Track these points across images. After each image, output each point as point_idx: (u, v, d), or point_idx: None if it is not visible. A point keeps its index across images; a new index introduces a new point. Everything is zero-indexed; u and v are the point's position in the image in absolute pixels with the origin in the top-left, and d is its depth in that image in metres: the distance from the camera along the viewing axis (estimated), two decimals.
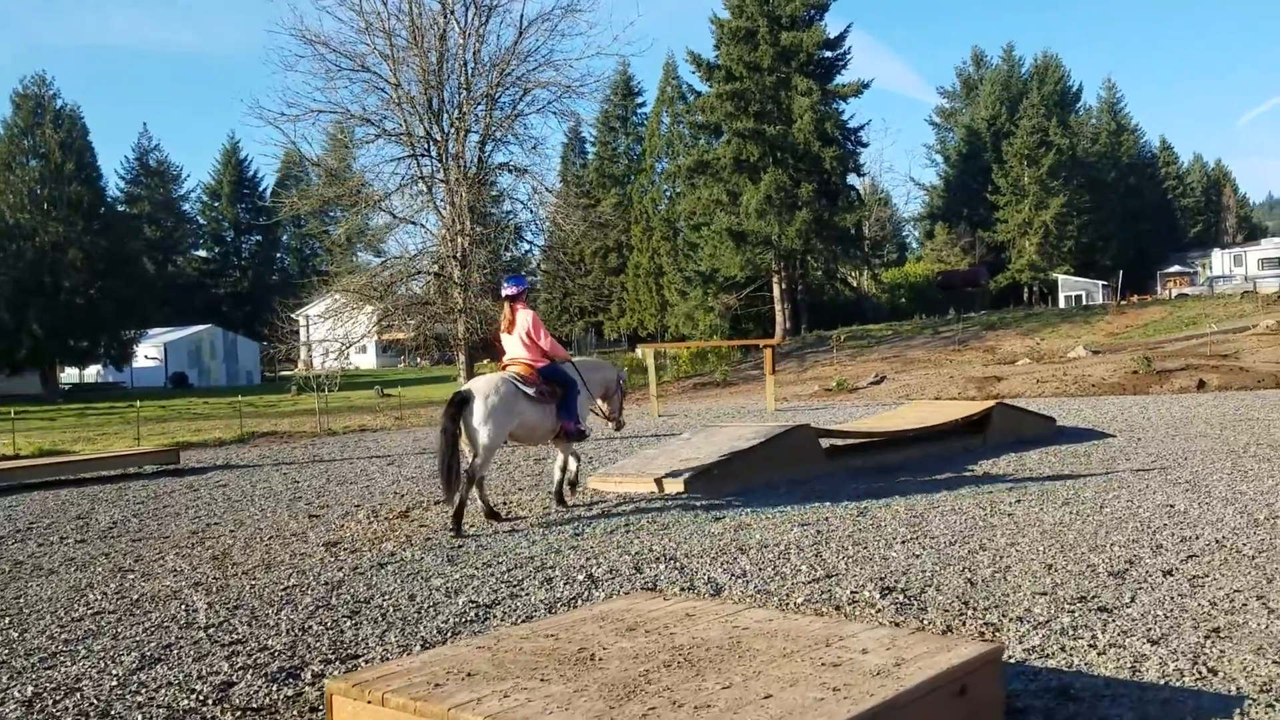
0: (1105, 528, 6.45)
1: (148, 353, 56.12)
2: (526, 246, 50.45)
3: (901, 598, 4.84)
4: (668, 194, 54.98)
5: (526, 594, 5.16)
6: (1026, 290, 59.96)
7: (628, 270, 55.38)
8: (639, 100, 62.82)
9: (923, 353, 30.60)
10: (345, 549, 6.62)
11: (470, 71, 27.92)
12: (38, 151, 43.46)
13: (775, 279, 41.74)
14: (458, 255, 27.70)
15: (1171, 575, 5.14)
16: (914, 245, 76.06)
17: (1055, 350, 27.57)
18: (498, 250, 28.42)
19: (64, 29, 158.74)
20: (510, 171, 28.99)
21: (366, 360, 68.95)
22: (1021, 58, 69.52)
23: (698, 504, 7.78)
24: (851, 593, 4.96)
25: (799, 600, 4.86)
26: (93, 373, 55.73)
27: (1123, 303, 43.31)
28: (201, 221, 76.12)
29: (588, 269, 59.69)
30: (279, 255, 76.25)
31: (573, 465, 7.91)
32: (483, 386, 7.14)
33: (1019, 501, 7.65)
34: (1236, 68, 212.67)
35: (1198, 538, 6.04)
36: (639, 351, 37.56)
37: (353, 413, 28.74)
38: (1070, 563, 5.49)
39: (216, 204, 73.80)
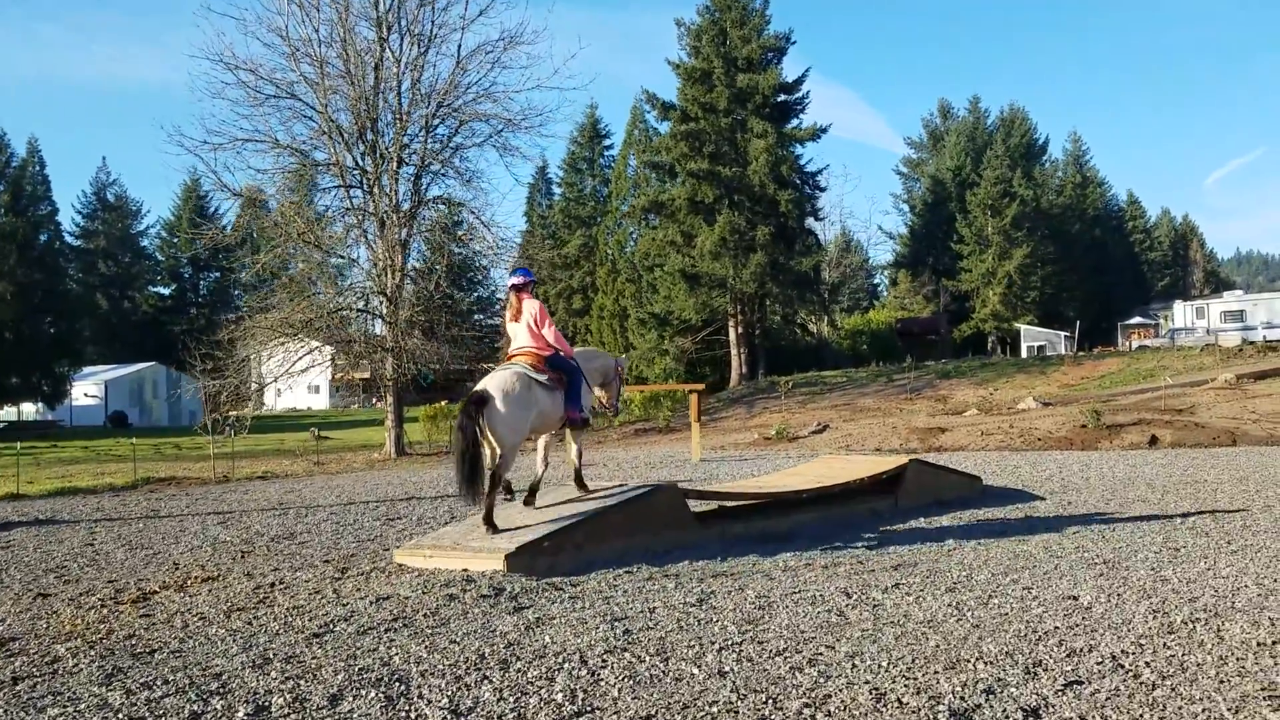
0: (982, 630, 5.11)
1: (87, 390, 54.06)
2: (483, 292, 49.16)
3: None
4: (634, 236, 54.08)
5: None
6: (990, 340, 59.33)
7: (592, 311, 54.20)
8: (607, 143, 62.23)
9: (874, 401, 29.40)
10: (11, 651, 5.13)
11: (406, 102, 26.83)
12: None
13: (731, 322, 40.62)
14: (387, 291, 26.29)
15: (1036, 717, 3.79)
16: (884, 293, 75.59)
17: (1007, 401, 26.43)
18: (429, 288, 26.98)
19: (30, 59, 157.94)
20: (445, 205, 27.80)
21: (319, 400, 66.93)
22: (988, 110, 69.83)
23: (510, 587, 6.36)
24: None
25: None
26: (30, 410, 53.54)
27: (1079, 354, 42.48)
28: (159, 258, 74.43)
29: (552, 310, 58.60)
30: (236, 293, 74.50)
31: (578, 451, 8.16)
32: (499, 383, 7.13)
33: (897, 585, 6.31)
34: (1201, 129, 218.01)
35: (1091, 650, 4.70)
36: None
37: (278, 456, 27.09)
38: (911, 690, 4.13)
39: (175, 240, 72.15)
